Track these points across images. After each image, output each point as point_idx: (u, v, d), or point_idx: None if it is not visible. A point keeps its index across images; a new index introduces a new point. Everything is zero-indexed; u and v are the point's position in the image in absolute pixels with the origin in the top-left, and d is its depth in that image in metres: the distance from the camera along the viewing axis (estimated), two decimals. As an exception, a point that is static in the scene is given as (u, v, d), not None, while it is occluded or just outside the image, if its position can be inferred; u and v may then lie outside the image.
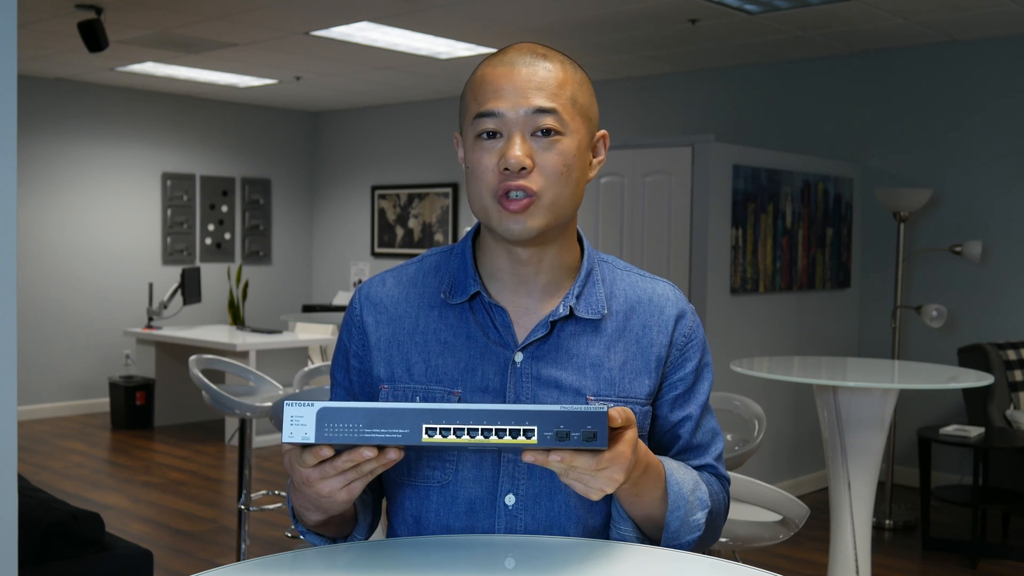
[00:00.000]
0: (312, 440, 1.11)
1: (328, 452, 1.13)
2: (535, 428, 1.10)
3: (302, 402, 1.12)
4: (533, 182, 1.30)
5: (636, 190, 5.29)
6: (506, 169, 1.30)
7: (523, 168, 1.29)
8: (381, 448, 1.13)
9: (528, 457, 1.12)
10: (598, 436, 1.10)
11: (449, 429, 1.10)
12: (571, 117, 1.32)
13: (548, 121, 1.30)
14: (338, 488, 1.17)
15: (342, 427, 1.11)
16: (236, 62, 7.11)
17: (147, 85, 8.26)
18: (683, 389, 1.43)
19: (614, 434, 1.16)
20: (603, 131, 1.41)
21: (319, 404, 1.11)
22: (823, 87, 6.51)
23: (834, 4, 5.14)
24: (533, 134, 1.31)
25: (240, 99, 8.96)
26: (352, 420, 1.11)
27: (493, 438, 1.10)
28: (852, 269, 6.22)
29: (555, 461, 1.12)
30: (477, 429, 1.10)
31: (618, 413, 1.16)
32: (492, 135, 1.32)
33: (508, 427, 1.10)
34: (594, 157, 1.40)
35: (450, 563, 1.26)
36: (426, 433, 1.10)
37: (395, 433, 1.11)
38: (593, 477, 1.15)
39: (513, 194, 1.30)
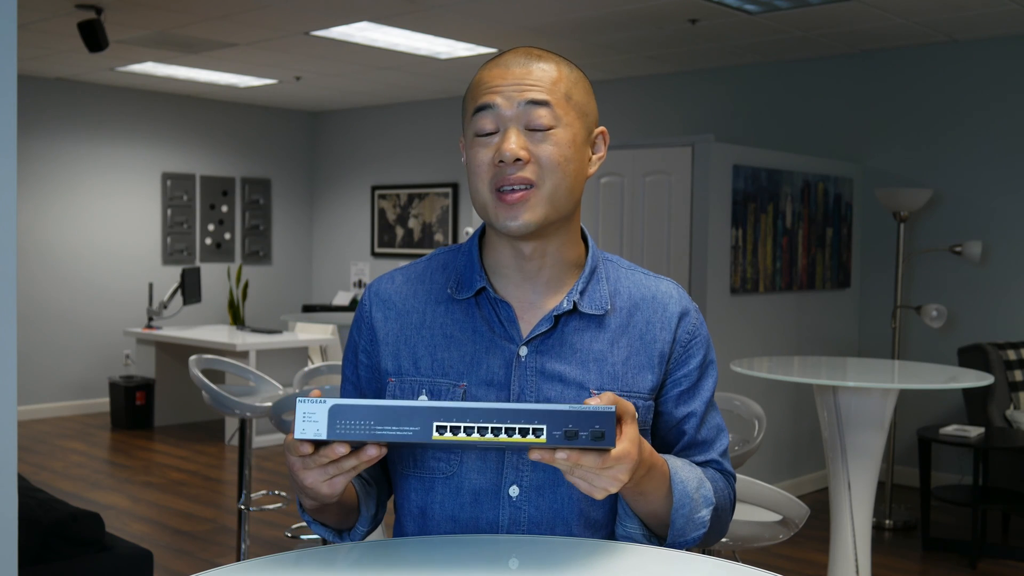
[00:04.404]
0: (324, 437, 1.12)
1: (307, 450, 1.15)
2: (544, 427, 1.12)
3: (315, 399, 1.13)
4: (529, 172, 1.32)
5: (636, 190, 5.29)
6: (501, 162, 1.32)
7: (518, 160, 1.31)
8: (360, 446, 1.15)
9: (535, 455, 1.14)
10: (606, 436, 1.12)
11: (459, 427, 1.12)
12: (565, 111, 1.35)
13: (541, 113, 1.33)
14: (319, 481, 1.19)
15: (354, 424, 1.12)
16: (236, 62, 7.11)
17: (147, 85, 8.26)
18: (687, 386, 1.45)
19: (617, 432, 1.18)
20: (602, 127, 1.43)
21: (331, 401, 1.13)
22: (823, 87, 6.51)
23: (834, 4, 5.14)
24: (529, 128, 1.33)
25: (240, 99, 8.96)
26: (364, 417, 1.12)
27: (503, 436, 1.12)
28: (852, 269, 6.22)
29: (561, 459, 1.13)
30: (487, 428, 1.12)
31: (608, 399, 1.18)
32: (490, 133, 1.34)
33: (517, 426, 1.12)
34: (593, 153, 1.42)
35: (453, 562, 1.26)
36: (436, 431, 1.12)
37: (406, 431, 1.12)
38: (598, 476, 1.16)
39: (509, 187, 1.32)
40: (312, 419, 1.12)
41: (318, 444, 1.16)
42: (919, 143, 6.13)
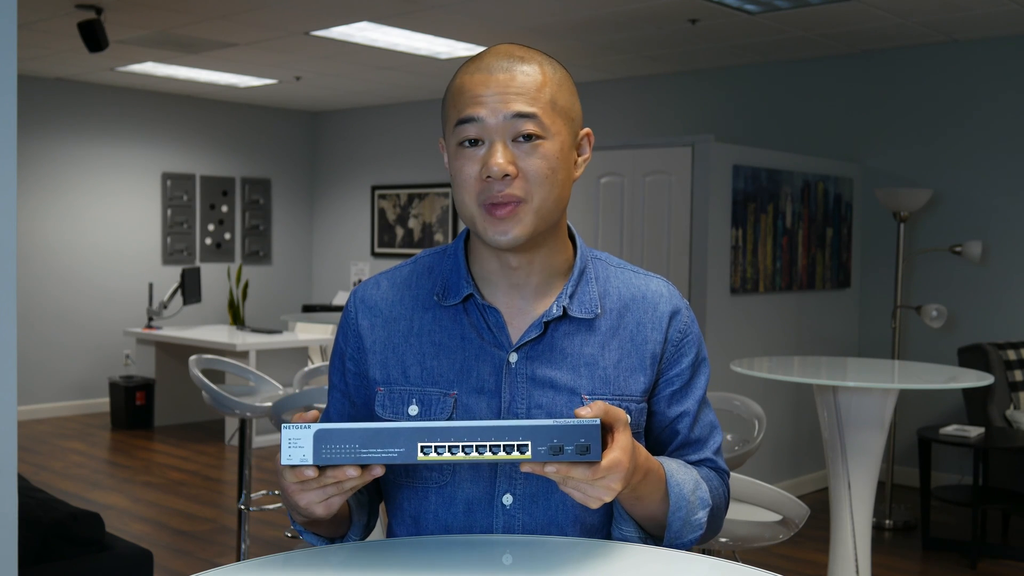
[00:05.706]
0: (310, 462, 1.13)
1: (312, 473, 1.15)
2: (529, 443, 1.12)
3: (299, 424, 1.13)
4: (518, 188, 1.29)
5: (636, 190, 5.29)
6: (489, 177, 1.29)
7: (506, 175, 1.28)
8: (365, 465, 1.15)
9: (526, 468, 1.14)
10: (591, 449, 1.12)
11: (444, 447, 1.12)
12: (552, 120, 1.31)
13: (529, 126, 1.29)
14: (316, 502, 1.19)
15: (339, 448, 1.13)
16: (236, 62, 7.11)
17: (147, 85, 8.26)
18: (680, 385, 1.44)
19: (608, 440, 1.17)
20: (587, 129, 1.40)
21: (315, 426, 1.13)
22: (823, 87, 6.51)
23: (834, 4, 5.14)
24: (515, 140, 1.30)
25: (240, 99, 8.96)
26: (348, 441, 1.12)
27: (488, 454, 1.12)
28: (852, 269, 6.22)
29: (551, 472, 1.13)
30: (472, 446, 1.12)
31: (597, 410, 1.16)
32: (474, 143, 1.31)
33: (502, 443, 1.12)
34: (579, 156, 1.39)
35: (447, 562, 1.26)
36: (421, 451, 1.12)
37: (391, 452, 1.12)
38: (591, 486, 1.16)
39: (497, 202, 1.30)
40: (297, 445, 1.12)
41: (320, 468, 1.16)
42: (919, 143, 6.13)
